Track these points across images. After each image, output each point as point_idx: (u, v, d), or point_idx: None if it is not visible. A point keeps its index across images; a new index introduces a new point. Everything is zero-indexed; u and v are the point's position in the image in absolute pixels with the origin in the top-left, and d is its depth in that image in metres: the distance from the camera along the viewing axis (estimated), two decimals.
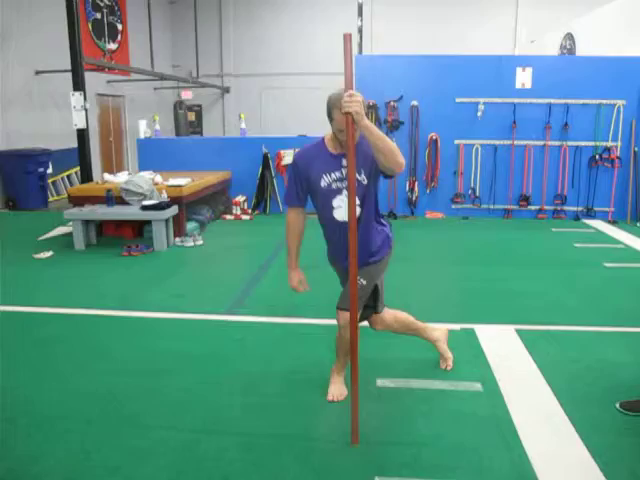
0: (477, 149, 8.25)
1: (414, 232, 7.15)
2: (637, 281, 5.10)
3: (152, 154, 8.67)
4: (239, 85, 16.48)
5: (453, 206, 8.44)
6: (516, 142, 8.15)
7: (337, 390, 2.88)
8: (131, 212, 6.31)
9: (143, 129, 8.84)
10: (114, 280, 5.14)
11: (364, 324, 2.94)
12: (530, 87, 8.00)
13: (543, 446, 2.48)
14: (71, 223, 6.37)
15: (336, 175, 2.59)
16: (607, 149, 8.07)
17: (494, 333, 3.78)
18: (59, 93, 10.31)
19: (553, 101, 7.98)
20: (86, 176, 7.86)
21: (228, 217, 8.23)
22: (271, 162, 8.53)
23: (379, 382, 3.02)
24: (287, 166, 8.54)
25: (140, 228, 6.77)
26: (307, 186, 2.68)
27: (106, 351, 3.53)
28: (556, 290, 4.81)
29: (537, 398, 2.90)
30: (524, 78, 8.01)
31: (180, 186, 6.77)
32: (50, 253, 5.97)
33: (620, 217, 8.12)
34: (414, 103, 8.18)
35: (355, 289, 2.42)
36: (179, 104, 14.43)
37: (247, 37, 16.14)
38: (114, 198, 6.45)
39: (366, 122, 2.26)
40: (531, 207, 8.31)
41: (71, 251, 6.16)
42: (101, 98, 12.74)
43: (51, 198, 10.04)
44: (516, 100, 8.03)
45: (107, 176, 7.32)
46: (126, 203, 6.48)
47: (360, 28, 12.12)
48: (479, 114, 8.11)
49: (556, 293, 4.72)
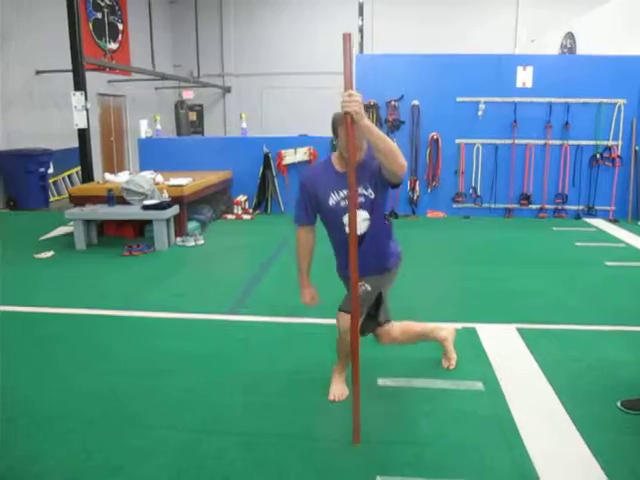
0: (478, 148, 8.25)
1: (415, 231, 7.15)
2: (638, 280, 5.10)
3: (153, 154, 8.68)
4: (240, 85, 16.48)
5: (454, 205, 8.44)
6: (517, 141, 8.14)
7: (338, 390, 2.89)
8: (132, 212, 6.32)
9: (144, 129, 8.84)
10: (115, 280, 5.15)
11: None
12: (531, 86, 8.00)
13: (544, 445, 2.48)
14: (72, 223, 6.37)
15: (344, 193, 2.60)
16: (608, 148, 8.07)
17: (495, 332, 3.78)
18: (60, 93, 10.31)
19: (554, 100, 7.98)
20: (87, 176, 7.87)
21: (229, 217, 8.24)
22: (272, 162, 8.53)
23: (380, 381, 3.03)
24: (288, 166, 8.55)
25: (141, 228, 6.78)
26: (316, 205, 2.71)
27: (107, 351, 3.53)
28: (557, 289, 4.81)
29: (538, 397, 2.91)
30: (525, 77, 8.01)
31: (181, 186, 6.78)
32: (51, 253, 5.98)
33: (621, 216, 8.11)
34: (415, 102, 8.18)
35: (356, 290, 2.42)
36: (180, 104, 14.44)
37: (248, 37, 16.15)
38: (115, 198, 6.45)
39: (366, 122, 2.25)
40: (532, 206, 8.30)
41: (72, 251, 6.17)
42: (102, 98, 12.75)
43: (52, 198, 10.05)
44: (517, 99, 8.02)
45: (108, 176, 7.34)
46: (127, 203, 6.48)
47: (361, 27, 12.12)
48: (480, 113, 8.11)
49: (557, 292, 4.72)
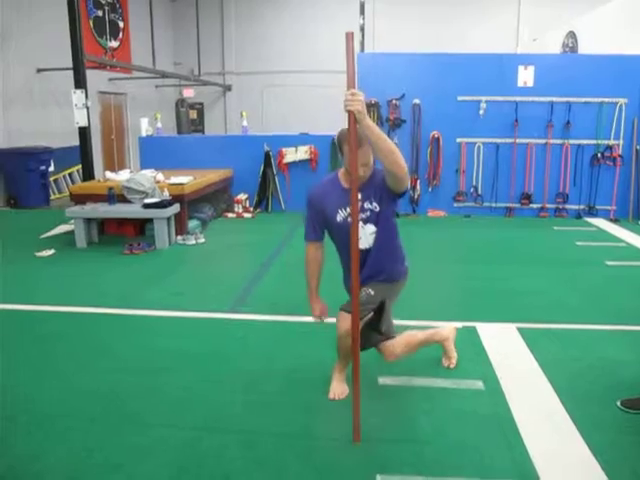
0: (479, 147, 8.24)
1: (416, 230, 7.14)
2: (639, 280, 5.09)
3: (154, 152, 8.68)
4: (241, 83, 16.47)
5: (455, 204, 8.43)
6: (518, 140, 8.13)
7: (338, 388, 2.89)
8: (133, 210, 6.32)
9: (145, 127, 8.84)
10: (116, 278, 5.15)
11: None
12: (532, 85, 7.99)
13: (544, 444, 2.48)
14: (73, 221, 6.37)
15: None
16: (609, 147, 8.06)
17: (496, 331, 3.78)
18: (60, 91, 10.31)
19: (555, 99, 7.97)
20: (88, 174, 7.87)
21: (230, 215, 8.24)
22: (273, 160, 8.53)
23: (381, 380, 3.02)
24: (289, 164, 8.55)
25: (142, 226, 6.78)
26: (323, 221, 2.74)
27: (107, 349, 3.53)
28: (558, 288, 4.81)
29: (538, 396, 2.91)
30: (526, 76, 8.00)
31: (182, 184, 6.77)
32: (52, 251, 5.98)
33: (622, 215, 8.11)
34: (416, 101, 8.17)
35: (357, 289, 2.43)
36: (181, 102, 14.43)
37: (249, 35, 16.13)
38: (116, 196, 6.45)
39: (368, 121, 2.26)
40: (533, 205, 8.30)
41: (73, 249, 6.17)
42: (103, 96, 12.74)
43: (53, 196, 10.05)
44: (518, 98, 8.01)
45: (109, 174, 7.34)
46: (128, 201, 6.48)
47: (362, 26, 12.11)
48: (481, 112, 8.10)
49: (558, 291, 4.72)
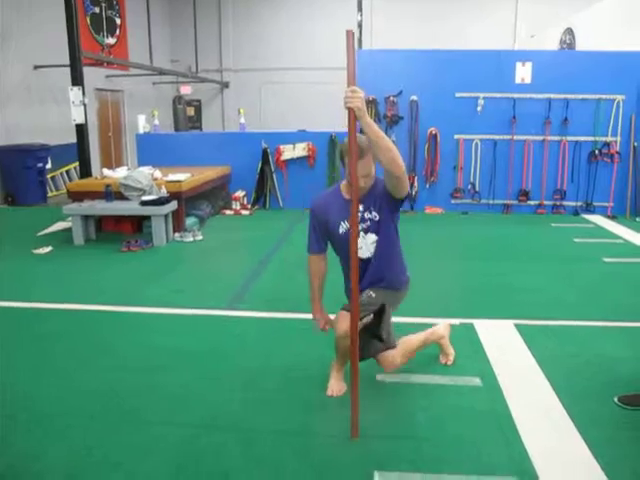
0: (477, 144, 8.25)
1: (414, 227, 7.13)
2: (636, 276, 5.11)
3: (151, 149, 8.66)
4: (238, 80, 16.44)
5: (452, 201, 8.44)
6: (516, 137, 8.14)
7: (336, 385, 2.89)
8: (130, 207, 6.31)
9: (142, 124, 8.82)
10: (113, 275, 5.15)
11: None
12: (530, 82, 7.99)
13: (542, 440, 2.48)
14: (70, 218, 6.36)
15: None
16: (606, 144, 8.06)
17: (493, 328, 3.78)
18: (58, 88, 10.28)
19: (553, 96, 7.97)
20: (85, 171, 7.86)
21: (228, 212, 8.23)
22: (271, 157, 8.51)
23: (379, 377, 3.03)
24: (287, 161, 8.54)
25: (139, 223, 6.77)
26: (326, 232, 2.78)
27: (106, 347, 3.53)
28: (555, 285, 4.81)
29: (536, 392, 2.91)
30: (524, 73, 8.00)
31: (179, 181, 6.76)
32: (49, 248, 5.97)
33: (619, 212, 8.12)
34: (414, 98, 8.16)
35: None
36: (178, 99, 14.38)
37: (246, 32, 16.10)
38: (113, 193, 6.44)
39: (367, 119, 2.28)
40: (530, 202, 8.31)
41: (70, 246, 6.16)
42: (100, 93, 12.71)
43: (50, 193, 10.03)
44: (516, 95, 8.02)
45: (106, 171, 7.33)
46: (125, 198, 6.47)
47: (360, 23, 12.07)
48: (479, 109, 8.10)
49: (555, 288, 4.73)
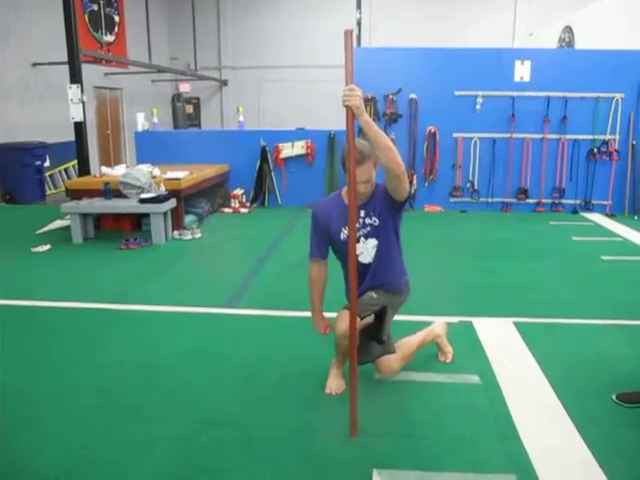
0: (475, 142, 8.24)
1: (413, 226, 7.12)
2: (635, 274, 5.11)
3: (150, 147, 8.65)
4: (237, 78, 16.42)
5: (451, 199, 8.44)
6: (514, 135, 8.14)
7: (335, 383, 2.89)
8: (129, 205, 6.30)
9: (141, 122, 8.81)
10: (112, 273, 5.14)
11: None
12: (529, 80, 7.99)
13: (540, 438, 2.49)
14: (69, 216, 6.35)
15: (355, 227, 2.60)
16: (605, 142, 8.06)
17: (492, 326, 3.79)
18: (56, 85, 10.27)
19: (552, 94, 7.96)
20: (84, 169, 7.85)
21: (226, 210, 8.23)
22: (269, 155, 8.51)
23: (377, 375, 3.02)
24: (285, 159, 8.53)
25: (138, 221, 6.77)
26: (328, 238, 2.80)
27: (104, 345, 3.53)
28: (554, 283, 4.82)
29: (535, 390, 2.92)
30: (523, 71, 8.00)
31: (178, 179, 6.76)
32: (48, 247, 5.96)
33: (618, 210, 8.12)
34: (413, 96, 8.15)
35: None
36: (177, 97, 14.38)
37: (245, 29, 16.07)
38: (112, 191, 6.43)
39: (366, 117, 2.29)
40: (529, 200, 8.31)
41: (69, 244, 6.15)
42: (98, 91, 12.69)
43: (49, 191, 10.01)
44: (515, 93, 8.01)
45: (105, 169, 7.32)
46: (124, 196, 6.46)
47: (359, 21, 12.08)
48: (478, 107, 8.10)
49: (554, 286, 4.73)
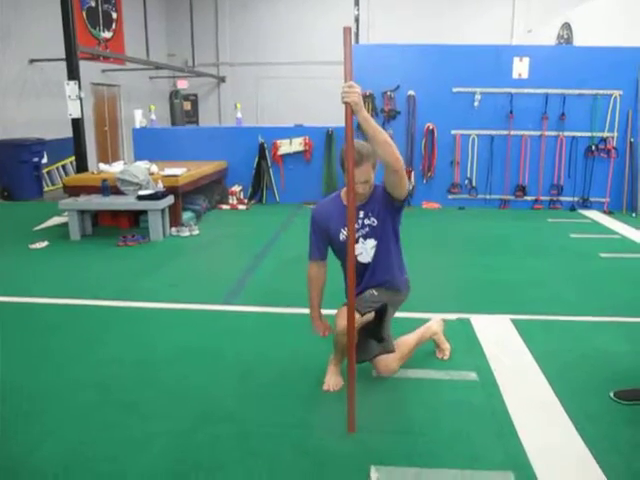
0: (474, 139, 8.24)
1: (411, 222, 7.08)
2: (633, 271, 5.12)
3: (148, 144, 8.63)
4: (235, 74, 16.39)
5: (449, 196, 8.44)
6: (513, 132, 8.13)
7: (333, 380, 2.89)
8: (127, 202, 6.28)
9: (139, 118, 8.79)
10: (110, 270, 5.13)
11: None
12: (527, 77, 7.98)
13: (538, 435, 2.49)
14: (66, 213, 6.34)
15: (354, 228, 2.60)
16: (603, 139, 8.06)
17: (490, 323, 3.79)
18: (54, 82, 10.24)
19: (550, 91, 7.96)
20: (81, 166, 7.83)
21: (224, 207, 8.22)
22: (267, 152, 8.50)
23: (375, 372, 3.03)
24: (283, 156, 8.52)
25: (136, 218, 6.76)
26: (327, 239, 2.81)
27: (101, 341, 3.53)
28: (552, 280, 4.82)
29: (532, 388, 2.92)
30: (521, 68, 7.99)
31: (176, 176, 6.75)
32: (45, 243, 5.95)
33: (616, 207, 8.13)
34: (411, 93, 8.15)
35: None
36: (175, 93, 14.35)
37: (243, 26, 16.04)
38: (110, 188, 6.42)
39: (364, 113, 2.29)
40: (527, 197, 8.31)
41: (66, 241, 6.14)
42: (96, 87, 12.66)
43: (46, 188, 9.99)
44: (513, 90, 8.01)
45: (102, 166, 7.30)
46: (122, 193, 6.45)
47: (357, 17, 12.05)
48: (476, 104, 8.09)
49: (552, 283, 4.74)
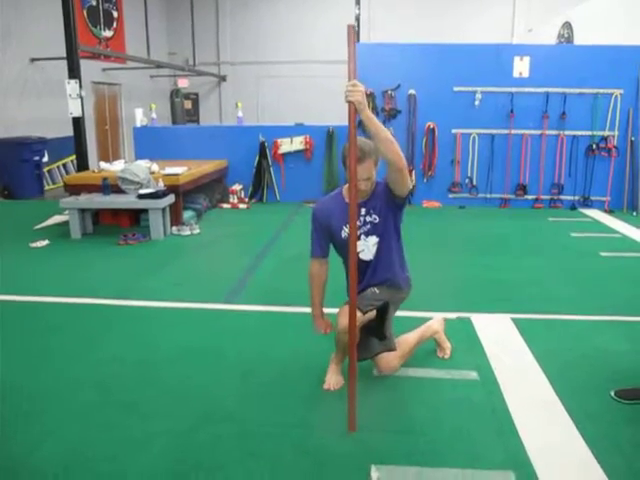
0: (474, 138, 8.24)
1: (411, 221, 7.08)
2: (633, 270, 5.12)
3: (148, 142, 8.63)
4: (236, 73, 16.38)
5: (450, 195, 8.44)
6: (513, 131, 8.13)
7: (334, 379, 2.89)
8: (127, 201, 6.29)
9: (140, 117, 8.79)
10: (110, 269, 5.14)
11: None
12: (527, 76, 7.97)
13: (538, 434, 2.49)
14: (67, 212, 6.34)
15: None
16: (604, 138, 8.06)
17: (490, 322, 3.79)
18: (54, 81, 10.24)
19: (550, 90, 7.95)
20: (82, 164, 7.83)
21: (225, 206, 8.22)
22: (268, 151, 8.50)
23: (376, 371, 3.03)
24: (284, 155, 8.52)
25: (137, 217, 6.76)
26: (329, 236, 2.81)
27: (102, 340, 3.53)
28: (552, 279, 4.82)
29: (533, 387, 2.92)
30: (522, 67, 7.98)
31: (177, 175, 6.75)
32: (46, 242, 5.95)
33: (616, 206, 8.12)
34: (411, 92, 8.14)
35: (355, 279, 2.46)
36: (175, 92, 14.35)
37: (244, 24, 16.03)
38: (110, 187, 6.42)
39: (368, 112, 2.30)
40: (528, 196, 8.30)
41: (67, 240, 6.15)
42: (97, 86, 12.66)
43: (47, 187, 9.99)
44: (514, 89, 8.00)
45: (103, 164, 7.30)
46: (122, 192, 6.46)
47: (358, 16, 12.04)
48: (476, 103, 8.08)
49: (552, 282, 4.74)
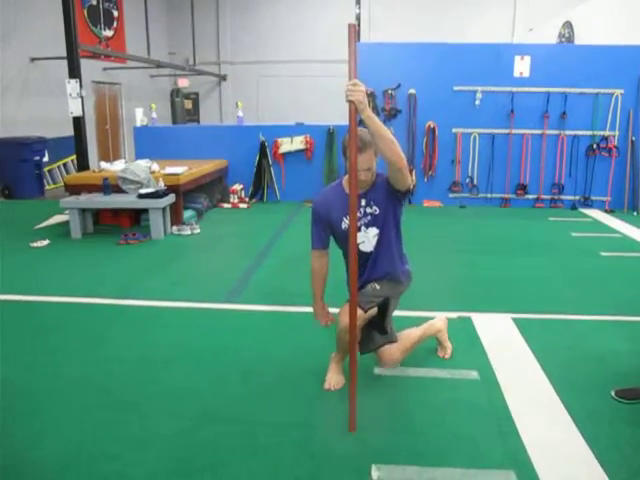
0: (475, 138, 8.24)
1: (412, 221, 7.10)
2: (634, 270, 5.12)
3: (149, 142, 8.63)
4: (236, 73, 16.39)
5: (450, 195, 8.44)
6: (514, 131, 8.13)
7: (334, 379, 2.89)
8: (128, 200, 6.29)
9: (140, 117, 8.79)
10: (111, 269, 5.14)
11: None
12: (528, 76, 7.98)
13: (539, 434, 2.49)
14: (67, 212, 6.34)
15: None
16: (605, 138, 8.06)
17: (491, 321, 3.79)
18: (55, 80, 10.24)
19: (551, 90, 7.95)
20: (82, 164, 7.84)
21: (225, 205, 8.22)
22: (268, 150, 8.50)
23: (376, 370, 3.03)
24: (284, 154, 8.52)
25: (137, 216, 6.76)
26: (329, 228, 2.81)
27: (103, 339, 3.53)
28: (553, 279, 4.82)
29: (533, 386, 2.92)
30: (522, 67, 7.98)
31: (177, 174, 6.75)
32: (46, 242, 5.95)
33: (617, 206, 8.13)
34: (412, 91, 8.14)
35: (355, 291, 2.47)
36: (176, 92, 14.36)
37: (244, 24, 16.03)
38: (111, 186, 6.42)
39: (369, 112, 2.29)
40: (528, 196, 8.31)
41: (68, 240, 6.15)
42: (97, 86, 12.67)
43: (47, 186, 9.99)
44: (514, 89, 8.00)
45: (104, 164, 7.30)
46: (123, 191, 6.46)
47: (358, 16, 12.05)
48: (477, 103, 8.08)
49: (553, 282, 4.74)
